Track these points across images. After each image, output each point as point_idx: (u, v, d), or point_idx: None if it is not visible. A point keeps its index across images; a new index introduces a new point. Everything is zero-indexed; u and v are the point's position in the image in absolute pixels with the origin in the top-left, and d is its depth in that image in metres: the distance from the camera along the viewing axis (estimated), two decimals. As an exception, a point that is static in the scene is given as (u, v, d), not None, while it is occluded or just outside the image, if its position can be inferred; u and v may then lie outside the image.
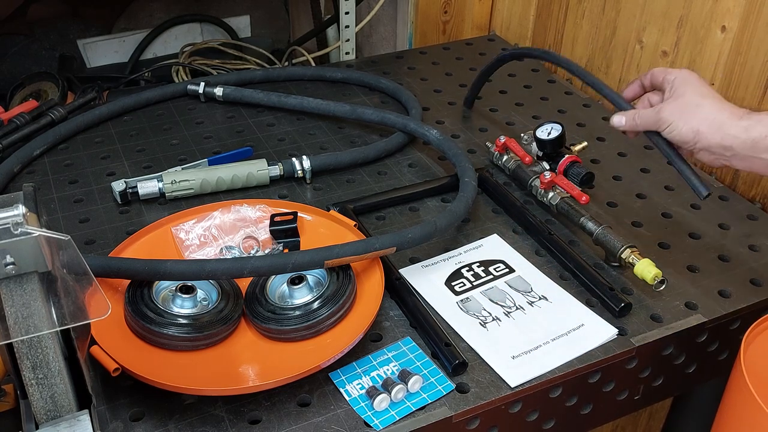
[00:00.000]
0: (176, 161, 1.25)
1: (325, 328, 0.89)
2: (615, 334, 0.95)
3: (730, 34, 1.23)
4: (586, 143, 1.22)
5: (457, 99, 1.47)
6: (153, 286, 0.91)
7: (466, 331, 0.94)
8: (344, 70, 1.53)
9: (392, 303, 0.98)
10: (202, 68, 1.81)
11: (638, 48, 1.41)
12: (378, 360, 0.90)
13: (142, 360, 0.84)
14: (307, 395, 0.86)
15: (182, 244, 1.02)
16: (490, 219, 1.15)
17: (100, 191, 1.18)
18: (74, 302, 0.67)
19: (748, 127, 0.86)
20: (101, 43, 1.96)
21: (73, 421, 0.69)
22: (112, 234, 1.09)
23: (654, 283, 0.97)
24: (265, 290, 0.93)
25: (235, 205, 1.07)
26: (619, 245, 1.02)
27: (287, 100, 1.39)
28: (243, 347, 0.89)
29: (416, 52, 1.68)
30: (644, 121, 0.97)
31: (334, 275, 0.93)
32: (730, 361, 0.84)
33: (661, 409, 1.47)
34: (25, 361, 0.66)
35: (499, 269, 1.05)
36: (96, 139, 1.32)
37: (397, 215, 1.15)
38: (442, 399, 0.86)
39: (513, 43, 1.74)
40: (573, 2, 1.56)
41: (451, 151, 1.20)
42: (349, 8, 1.69)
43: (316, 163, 1.21)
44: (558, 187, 1.14)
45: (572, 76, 1.60)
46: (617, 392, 0.99)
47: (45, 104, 1.37)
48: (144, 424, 0.82)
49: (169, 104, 1.43)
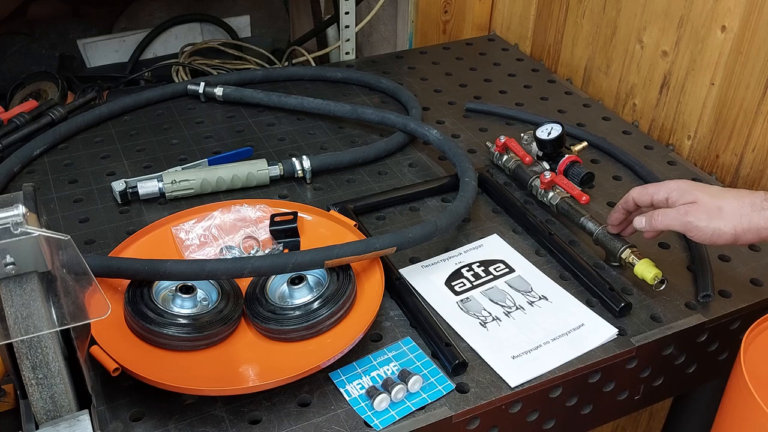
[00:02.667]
0: (176, 161, 1.25)
1: (325, 328, 0.89)
2: (615, 334, 0.94)
3: (730, 33, 1.23)
4: (586, 143, 1.22)
5: (457, 99, 1.47)
6: (153, 286, 0.91)
7: (466, 331, 0.94)
8: (344, 70, 1.53)
9: (392, 303, 0.98)
10: (202, 68, 1.81)
11: (638, 48, 1.41)
12: (378, 360, 0.90)
13: (142, 360, 0.84)
14: (307, 395, 0.86)
15: (182, 244, 1.02)
16: (490, 219, 1.15)
17: (100, 191, 1.18)
18: (74, 302, 0.67)
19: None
20: (101, 43, 1.96)
21: (73, 421, 0.69)
22: (112, 234, 1.09)
23: (654, 283, 0.97)
24: (265, 290, 0.93)
25: (235, 205, 1.07)
26: (619, 245, 1.02)
27: (287, 100, 1.38)
28: (243, 347, 0.89)
29: (416, 52, 1.68)
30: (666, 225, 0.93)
31: (334, 275, 0.93)
32: (730, 361, 0.84)
33: (661, 410, 1.47)
34: (25, 361, 0.66)
35: (499, 269, 1.05)
36: (96, 139, 1.32)
37: (397, 215, 1.15)
38: (442, 399, 0.86)
39: (513, 42, 1.74)
40: (573, 2, 1.56)
41: (451, 151, 1.20)
42: (349, 8, 1.69)
43: (316, 163, 1.21)
44: (558, 187, 1.14)
45: (572, 76, 1.60)
46: (617, 392, 0.99)
47: (45, 104, 1.37)
48: (144, 424, 0.82)
49: (169, 104, 1.43)
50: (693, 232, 0.91)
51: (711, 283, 1.01)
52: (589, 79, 1.56)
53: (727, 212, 0.89)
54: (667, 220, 0.93)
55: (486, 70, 1.60)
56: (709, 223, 0.89)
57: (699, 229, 0.90)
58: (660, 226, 0.94)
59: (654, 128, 1.41)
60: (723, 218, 0.89)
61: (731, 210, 0.89)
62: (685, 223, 0.91)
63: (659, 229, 0.95)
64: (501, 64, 1.63)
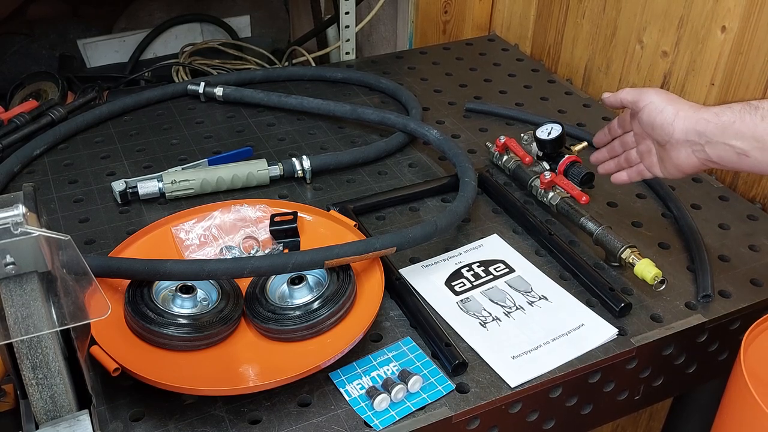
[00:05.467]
0: (176, 161, 1.25)
1: (325, 328, 0.89)
2: (615, 334, 0.94)
3: (730, 34, 1.23)
4: (586, 143, 1.22)
5: (458, 99, 1.47)
6: (153, 286, 0.91)
7: (466, 331, 0.94)
8: (344, 70, 1.53)
9: (392, 303, 0.98)
10: (202, 68, 1.81)
11: (638, 48, 1.41)
12: (378, 360, 0.90)
13: (142, 360, 0.84)
14: (307, 395, 0.86)
15: (182, 244, 1.02)
16: (490, 219, 1.15)
17: (100, 191, 1.18)
18: (74, 302, 0.67)
19: (718, 112, 0.88)
20: (101, 43, 1.96)
21: (73, 421, 0.69)
22: (112, 234, 1.09)
23: (654, 283, 0.97)
24: (265, 290, 0.93)
25: (235, 205, 1.07)
26: (619, 245, 1.02)
27: (287, 100, 1.38)
28: (243, 347, 0.89)
29: (416, 52, 1.68)
30: (629, 93, 0.98)
31: (334, 275, 0.93)
32: (730, 361, 0.84)
33: (661, 410, 1.47)
34: (25, 361, 0.66)
35: (499, 269, 1.05)
36: (96, 139, 1.32)
37: (397, 215, 1.15)
38: (442, 399, 0.86)
39: (513, 42, 1.74)
40: (573, 2, 1.56)
41: (451, 151, 1.20)
42: (349, 8, 1.69)
43: (316, 163, 1.21)
44: (558, 187, 1.14)
45: (572, 76, 1.60)
46: (617, 392, 0.99)
47: (45, 104, 1.37)
48: (144, 424, 0.82)
49: (169, 104, 1.43)
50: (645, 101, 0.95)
51: (711, 283, 1.01)
52: (589, 79, 1.56)
53: (682, 101, 0.93)
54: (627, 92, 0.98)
55: (486, 70, 1.60)
56: (660, 97, 0.94)
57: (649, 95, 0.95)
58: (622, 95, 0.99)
59: (654, 128, 1.41)
60: (674, 101, 0.93)
61: (685, 101, 0.93)
62: (640, 93, 0.96)
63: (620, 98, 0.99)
64: (501, 64, 1.63)
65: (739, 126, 0.85)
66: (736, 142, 0.86)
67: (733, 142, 0.86)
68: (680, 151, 0.92)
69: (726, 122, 0.86)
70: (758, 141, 0.83)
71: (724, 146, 0.87)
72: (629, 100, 0.98)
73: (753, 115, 0.84)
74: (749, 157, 0.85)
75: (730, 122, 0.86)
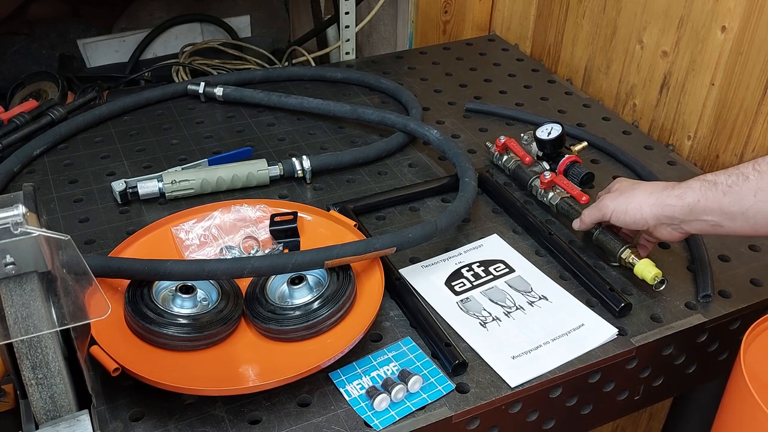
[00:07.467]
0: (176, 161, 1.25)
1: (325, 328, 0.89)
2: (615, 334, 0.94)
3: (730, 34, 1.23)
4: (586, 143, 1.22)
5: (458, 99, 1.47)
6: (153, 286, 0.91)
7: (466, 331, 0.94)
8: (344, 70, 1.53)
9: (392, 303, 0.98)
10: (202, 68, 1.81)
11: (638, 48, 1.41)
12: (378, 360, 0.90)
13: (142, 360, 0.84)
14: (307, 395, 0.86)
15: (182, 244, 1.02)
16: (490, 219, 1.15)
17: (100, 191, 1.18)
18: (74, 302, 0.67)
19: (680, 194, 0.91)
20: (101, 43, 1.96)
21: (72, 421, 0.69)
22: (112, 234, 1.09)
23: (654, 283, 0.97)
24: (265, 290, 0.93)
25: (235, 205, 1.07)
26: (619, 245, 1.02)
27: (287, 100, 1.38)
28: (243, 347, 0.89)
29: (416, 52, 1.68)
30: (590, 215, 1.03)
31: (334, 275, 0.93)
32: (730, 361, 0.84)
33: (661, 410, 1.47)
34: (24, 361, 0.66)
35: (499, 269, 1.05)
36: (96, 139, 1.32)
37: (397, 215, 1.15)
38: (442, 399, 0.86)
39: (513, 43, 1.74)
40: (573, 2, 1.55)
41: (451, 151, 1.20)
42: (349, 8, 1.69)
43: (316, 163, 1.21)
44: (558, 187, 1.14)
45: (572, 76, 1.60)
46: (617, 392, 0.99)
47: (45, 104, 1.37)
48: (144, 424, 0.82)
49: (169, 104, 1.43)
50: (608, 215, 0.99)
51: (711, 283, 1.01)
52: (589, 79, 1.56)
53: (639, 191, 0.96)
54: (589, 214, 1.03)
55: (486, 70, 1.60)
56: (618, 202, 0.97)
57: (608, 207, 0.99)
58: (587, 219, 1.04)
59: (654, 128, 1.41)
60: (634, 197, 0.96)
61: (643, 189, 0.96)
62: (600, 208, 1.00)
63: (587, 222, 1.04)
64: (501, 64, 1.63)
65: (704, 204, 0.88)
66: (707, 217, 0.89)
67: (704, 217, 0.89)
68: (662, 231, 0.96)
69: (691, 203, 0.89)
70: (726, 214, 0.87)
71: (697, 222, 0.91)
72: (596, 218, 1.02)
73: (714, 191, 0.87)
74: (723, 227, 0.89)
75: (695, 202, 0.89)
